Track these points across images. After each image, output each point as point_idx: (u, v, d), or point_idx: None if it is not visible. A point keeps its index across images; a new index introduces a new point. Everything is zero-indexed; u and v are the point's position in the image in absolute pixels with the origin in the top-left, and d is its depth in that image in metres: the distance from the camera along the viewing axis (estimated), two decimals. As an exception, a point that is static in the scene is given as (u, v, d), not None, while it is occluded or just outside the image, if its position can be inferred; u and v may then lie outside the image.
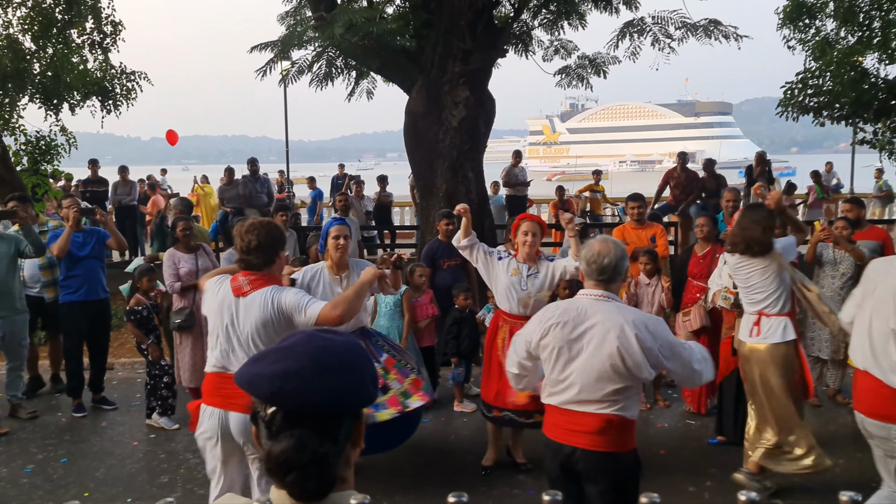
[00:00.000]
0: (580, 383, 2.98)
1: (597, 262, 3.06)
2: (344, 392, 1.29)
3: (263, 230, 3.43)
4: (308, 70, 9.08)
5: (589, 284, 3.11)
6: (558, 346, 3.02)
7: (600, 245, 3.08)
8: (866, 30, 11.06)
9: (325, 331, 1.42)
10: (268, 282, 3.45)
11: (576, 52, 10.34)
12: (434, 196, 9.61)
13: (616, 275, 3.07)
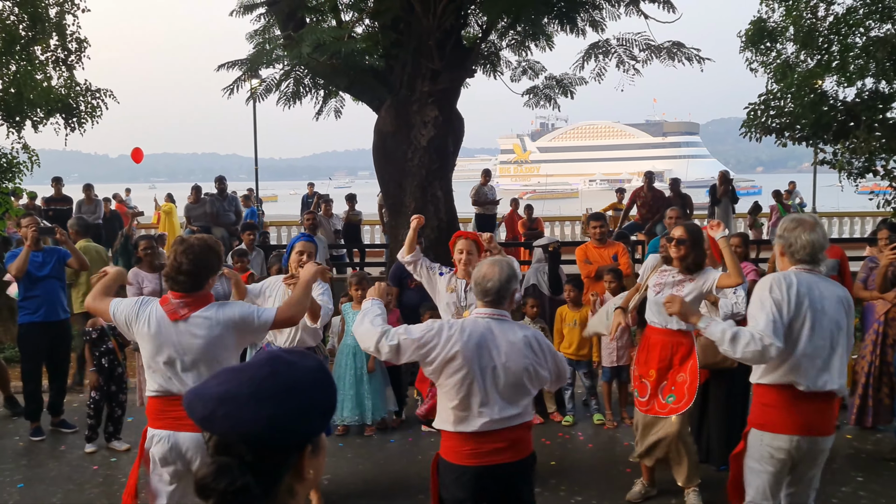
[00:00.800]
0: (500, 402, 3.05)
1: (481, 285, 3.15)
2: (277, 424, 1.22)
3: (198, 255, 3.30)
4: (276, 89, 9.07)
5: (479, 305, 3.20)
6: (470, 375, 3.03)
7: (487, 268, 3.16)
8: (825, 53, 11.33)
9: (291, 353, 1.35)
10: (203, 301, 3.34)
11: (543, 72, 10.46)
12: (403, 215, 9.60)
13: (501, 298, 3.15)
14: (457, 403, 3.05)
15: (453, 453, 3.11)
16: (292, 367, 1.28)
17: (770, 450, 3.37)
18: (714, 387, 5.52)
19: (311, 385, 1.28)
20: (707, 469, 5.48)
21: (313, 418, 1.28)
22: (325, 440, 1.35)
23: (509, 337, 3.09)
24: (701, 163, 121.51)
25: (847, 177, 11.12)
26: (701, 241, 4.84)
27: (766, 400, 3.43)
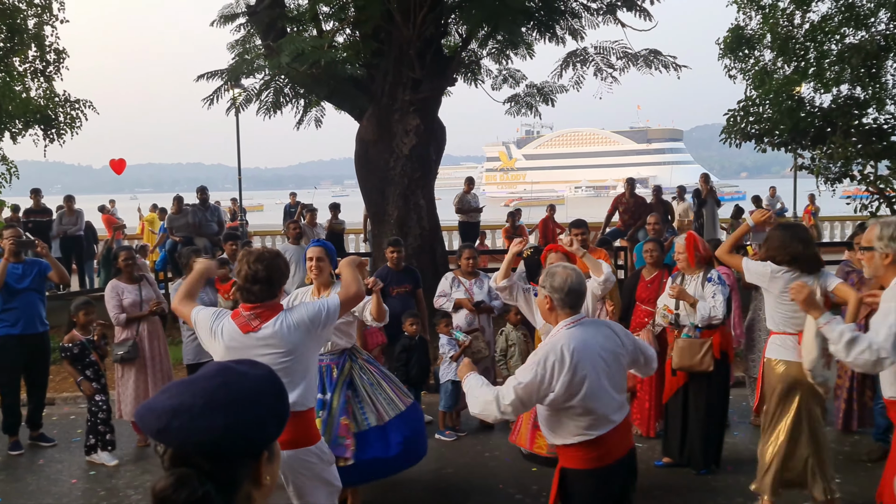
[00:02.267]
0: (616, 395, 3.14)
1: (561, 291, 3.15)
2: (232, 433, 1.24)
3: (272, 262, 3.29)
4: (256, 98, 9.08)
5: (565, 312, 3.16)
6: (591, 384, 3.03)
7: (564, 272, 3.18)
8: (802, 60, 11.49)
9: (241, 363, 1.37)
10: (274, 311, 3.29)
11: (524, 80, 10.53)
12: (385, 223, 9.64)
13: (580, 301, 3.21)
14: (590, 415, 3.05)
15: (594, 459, 3.09)
16: (244, 377, 1.31)
17: None
18: (693, 391, 5.56)
19: (263, 393, 1.31)
20: (687, 473, 5.52)
21: (268, 425, 1.30)
22: (279, 447, 1.37)
23: (600, 334, 3.17)
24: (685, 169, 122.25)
25: (825, 182, 11.26)
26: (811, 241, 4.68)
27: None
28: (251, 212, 37.10)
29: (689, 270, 5.62)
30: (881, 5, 11.04)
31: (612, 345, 3.16)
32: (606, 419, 3.08)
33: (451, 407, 6.57)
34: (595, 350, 3.08)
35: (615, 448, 3.12)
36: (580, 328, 3.12)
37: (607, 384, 3.09)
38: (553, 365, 3.00)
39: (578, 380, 3.02)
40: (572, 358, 3.01)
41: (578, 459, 3.12)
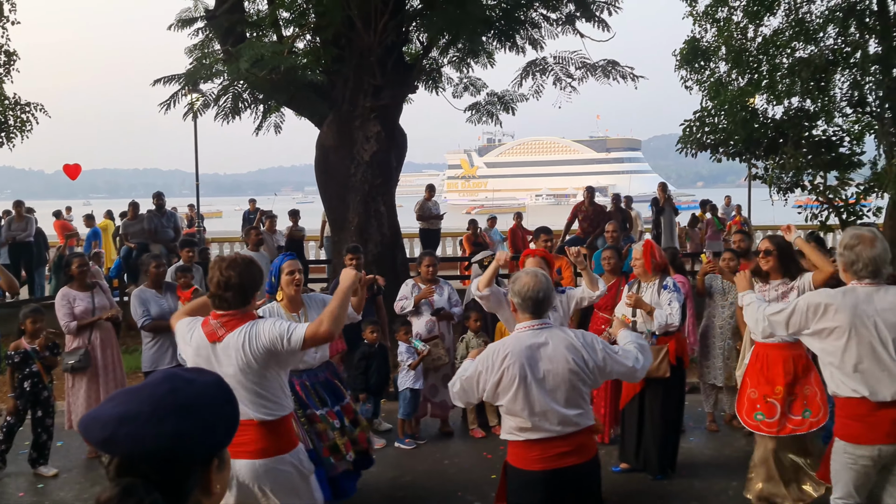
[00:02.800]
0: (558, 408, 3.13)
1: (521, 295, 3.22)
2: (182, 439, 1.23)
3: (245, 268, 3.21)
4: (214, 104, 8.97)
5: (521, 318, 3.25)
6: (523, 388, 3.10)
7: (527, 279, 3.23)
8: (755, 73, 11.76)
9: (187, 370, 1.37)
10: (241, 320, 3.19)
11: (485, 89, 10.60)
12: (346, 230, 9.59)
13: (543, 307, 3.24)
14: (517, 417, 3.14)
15: (521, 459, 3.20)
16: (191, 384, 1.30)
17: (854, 457, 3.41)
18: (649, 396, 5.63)
19: (212, 400, 1.30)
20: (644, 478, 5.58)
21: (217, 432, 1.29)
22: (229, 454, 1.36)
23: (553, 343, 3.16)
24: (643, 178, 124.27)
25: (777, 191, 11.51)
26: (788, 247, 4.90)
27: (846, 412, 3.45)
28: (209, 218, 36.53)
29: (645, 278, 5.70)
30: (829, 21, 11.37)
31: (570, 360, 3.12)
32: (540, 427, 3.11)
33: (409, 415, 6.55)
34: (541, 359, 3.11)
35: (550, 458, 3.13)
36: (531, 333, 3.17)
37: (546, 395, 3.10)
38: (488, 364, 3.15)
39: (506, 382, 3.10)
40: (504, 361, 3.11)
41: (514, 456, 3.24)
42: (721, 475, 5.54)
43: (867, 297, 3.37)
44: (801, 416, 4.73)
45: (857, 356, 3.33)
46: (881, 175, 10.83)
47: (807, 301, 3.45)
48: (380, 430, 6.77)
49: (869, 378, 3.34)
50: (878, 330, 3.32)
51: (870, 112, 11.34)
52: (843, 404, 3.45)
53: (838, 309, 3.35)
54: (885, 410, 3.33)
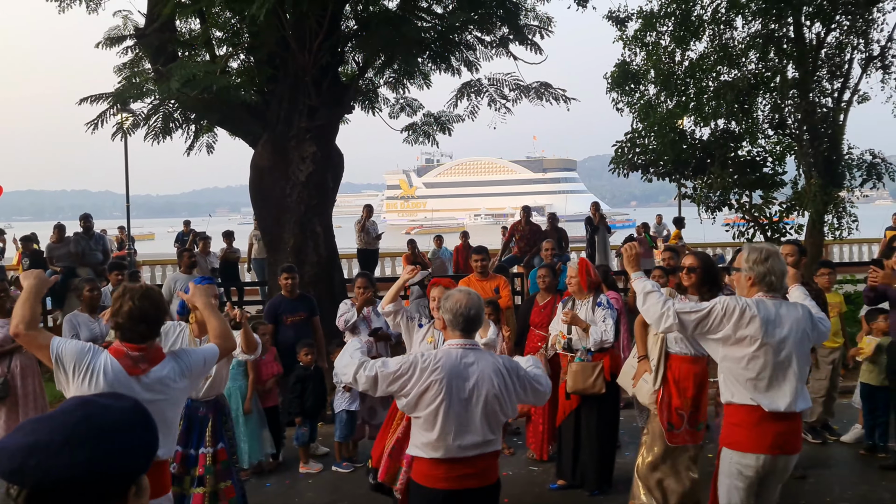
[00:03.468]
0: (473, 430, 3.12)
1: (453, 313, 3.21)
2: (96, 468, 1.18)
3: (159, 300, 3.13)
4: (144, 123, 8.75)
5: (451, 336, 3.25)
6: (445, 405, 3.09)
7: (459, 296, 3.24)
8: (683, 95, 12.17)
9: (103, 396, 1.33)
10: (159, 352, 3.10)
11: (421, 109, 10.65)
12: (281, 251, 9.46)
13: (473, 326, 3.25)
14: (431, 432, 3.11)
15: (424, 477, 3.19)
16: (107, 410, 1.26)
17: (739, 467, 3.49)
18: (585, 413, 5.70)
19: (129, 425, 1.26)
20: (580, 494, 5.63)
21: (135, 458, 1.26)
22: (147, 481, 1.31)
23: (480, 365, 3.16)
24: (579, 198, 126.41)
25: (706, 210, 11.90)
26: (713, 266, 4.96)
27: (735, 420, 3.54)
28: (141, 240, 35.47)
29: (580, 295, 5.79)
30: (751, 47, 11.87)
31: (496, 384, 3.14)
32: (452, 447, 3.11)
33: (346, 437, 6.46)
34: (468, 379, 3.12)
35: (455, 478, 3.13)
36: (461, 352, 3.18)
37: (467, 416, 3.11)
38: (414, 369, 3.12)
39: (430, 396, 3.10)
40: (432, 373, 3.10)
41: (418, 473, 3.22)
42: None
43: (776, 310, 3.49)
44: (695, 429, 4.89)
45: (762, 366, 3.43)
46: (801, 194, 11.32)
47: (724, 305, 3.49)
48: (317, 455, 6.65)
49: (769, 389, 3.44)
50: (782, 343, 3.44)
51: (790, 134, 11.85)
52: (734, 411, 3.54)
53: (752, 318, 3.44)
54: (774, 423, 3.44)
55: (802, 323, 3.53)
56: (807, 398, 3.56)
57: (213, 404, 4.65)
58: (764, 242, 3.65)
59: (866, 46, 11.75)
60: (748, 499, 3.54)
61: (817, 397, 6.79)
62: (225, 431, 4.70)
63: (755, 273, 3.55)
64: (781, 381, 3.45)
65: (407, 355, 3.22)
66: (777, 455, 3.48)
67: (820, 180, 10.95)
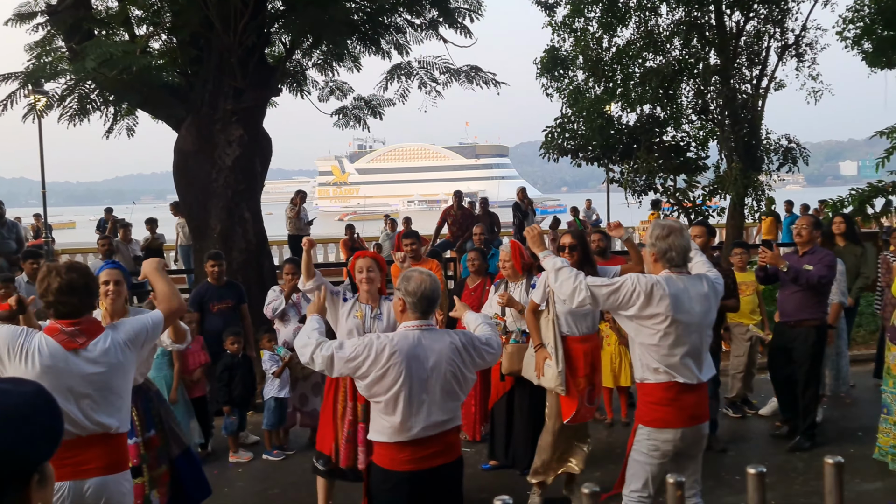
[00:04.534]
0: (434, 410, 3.12)
1: (414, 295, 3.18)
2: (3, 452, 1.14)
3: (85, 274, 3.11)
4: (58, 104, 8.35)
5: (409, 317, 3.21)
6: (405, 387, 3.07)
7: (419, 277, 3.20)
8: (610, 81, 12.39)
9: (3, 380, 1.27)
10: (97, 325, 3.10)
11: (351, 93, 10.50)
12: (208, 237, 9.20)
13: (431, 307, 3.22)
14: (393, 416, 3.09)
15: (389, 460, 3.15)
16: (7, 394, 1.20)
17: (657, 443, 3.58)
18: (519, 394, 5.76)
19: (32, 411, 1.21)
20: (513, 474, 5.70)
21: (38, 445, 1.20)
22: (51, 469, 1.26)
23: (437, 345, 3.14)
24: (511, 183, 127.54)
25: (632, 194, 12.17)
26: (586, 243, 5.13)
27: (653, 398, 3.60)
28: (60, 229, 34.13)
29: (514, 278, 5.82)
30: (675, 34, 12.16)
31: (454, 362, 3.16)
32: (414, 428, 3.11)
33: (275, 425, 6.36)
34: (426, 360, 3.11)
35: (419, 458, 3.13)
36: (418, 334, 3.15)
37: (427, 397, 3.11)
38: (369, 352, 3.08)
39: (389, 381, 3.08)
40: (390, 357, 3.07)
41: (381, 456, 3.20)
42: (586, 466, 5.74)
43: (683, 285, 3.58)
44: (593, 405, 5.07)
45: (675, 341, 3.52)
46: (723, 178, 11.70)
47: (633, 282, 3.54)
48: (246, 444, 6.54)
49: (682, 362, 3.55)
50: (691, 318, 3.55)
51: (712, 119, 12.21)
52: (650, 390, 3.62)
53: (663, 296, 3.51)
54: (689, 394, 3.57)
55: (707, 294, 3.64)
56: (711, 366, 3.71)
57: (135, 391, 4.47)
58: (670, 220, 3.71)
59: (782, 35, 12.19)
60: (660, 473, 3.65)
61: (736, 373, 7.07)
62: (153, 417, 4.54)
63: (657, 249, 3.63)
64: (694, 354, 3.57)
65: (363, 338, 3.16)
66: (694, 426, 3.61)
67: (740, 164, 11.33)
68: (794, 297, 6.01)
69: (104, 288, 4.13)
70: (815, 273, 5.82)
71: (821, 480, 5.16)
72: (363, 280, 4.64)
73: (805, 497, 5.08)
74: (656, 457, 3.61)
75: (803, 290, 5.92)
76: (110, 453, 3.05)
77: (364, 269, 4.66)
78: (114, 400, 3.06)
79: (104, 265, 4.34)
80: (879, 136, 9.87)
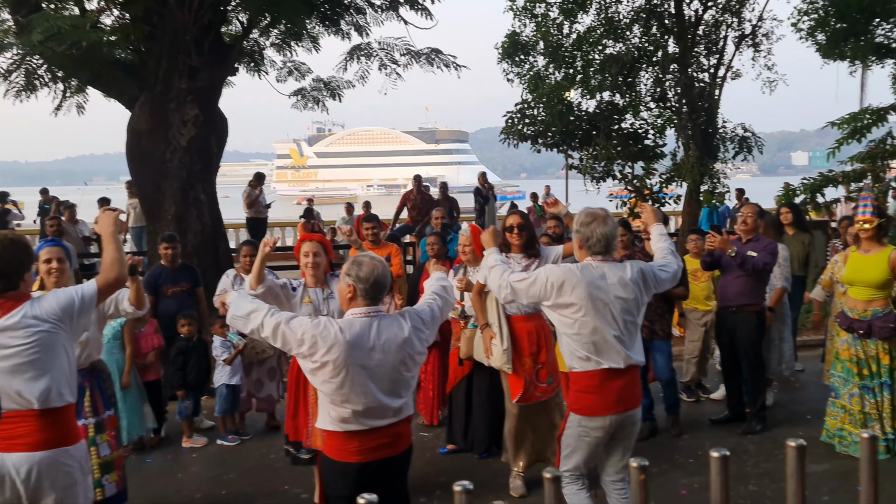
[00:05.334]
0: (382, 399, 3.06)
1: (365, 281, 3.09)
2: None
3: (5, 251, 3.03)
4: (3, 79, 8.05)
5: (364, 302, 3.12)
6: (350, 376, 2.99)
7: (369, 263, 3.12)
8: (570, 68, 12.40)
9: None
10: (18, 301, 3.04)
11: (310, 74, 10.35)
12: (162, 219, 9.01)
13: (380, 293, 3.14)
14: (339, 407, 3.02)
15: (337, 451, 3.09)
16: None
17: (587, 429, 3.60)
18: (477, 378, 5.76)
19: None
20: (470, 457, 5.72)
21: None
22: None
23: (386, 333, 3.06)
24: (471, 169, 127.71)
25: (591, 181, 12.23)
26: (531, 224, 5.15)
27: (580, 386, 3.63)
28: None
29: (473, 263, 5.80)
30: (635, 21, 12.21)
31: (403, 348, 3.09)
32: (362, 418, 3.04)
33: (227, 411, 6.26)
34: (372, 348, 3.03)
35: (367, 450, 3.07)
36: (366, 321, 3.06)
37: (374, 386, 3.04)
38: (314, 340, 2.98)
39: (330, 372, 3.00)
40: (332, 350, 2.98)
41: (329, 447, 3.13)
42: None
43: (601, 272, 3.61)
44: (546, 384, 5.07)
45: (592, 329, 3.55)
46: (680, 166, 11.82)
47: (546, 274, 3.60)
48: (201, 428, 6.45)
49: (601, 350, 3.58)
50: (610, 304, 3.57)
51: (670, 107, 12.32)
52: (577, 378, 3.66)
53: (576, 285, 3.54)
54: (614, 381, 3.59)
55: (632, 279, 3.64)
56: (640, 351, 3.69)
57: (88, 372, 4.33)
58: (596, 207, 3.77)
59: (739, 25, 12.33)
60: (593, 458, 3.72)
61: (691, 358, 7.19)
62: (108, 398, 4.45)
63: (581, 235, 3.68)
64: (618, 339, 3.58)
65: (315, 320, 3.05)
66: (623, 412, 3.63)
67: (697, 152, 11.46)
68: (737, 282, 6.11)
69: (46, 266, 4.05)
70: (760, 259, 5.95)
71: (771, 462, 5.30)
72: (308, 265, 4.59)
73: (756, 479, 5.19)
74: (587, 442, 3.65)
75: (746, 276, 6.04)
76: (39, 430, 3.00)
77: (310, 253, 4.60)
78: (41, 371, 3.01)
79: (43, 243, 4.22)
80: (831, 127, 10.09)
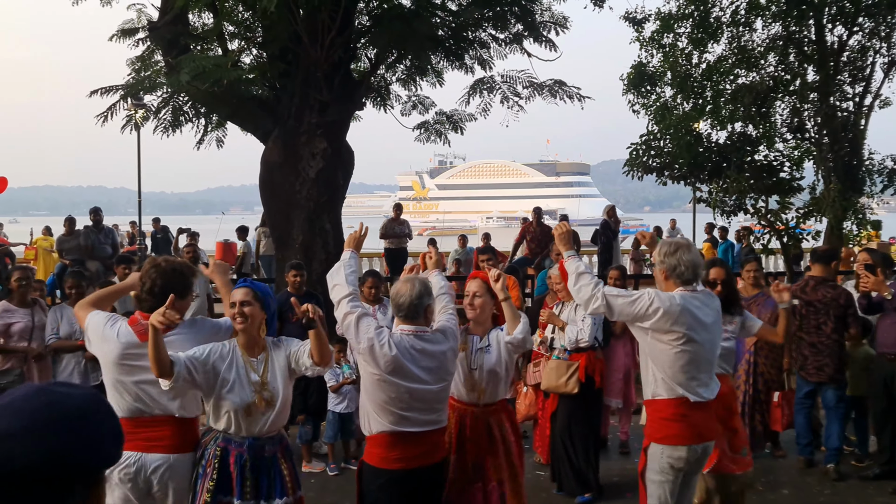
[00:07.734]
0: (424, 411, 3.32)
1: (395, 301, 3.39)
2: (69, 454, 1.12)
3: (165, 273, 3.38)
4: (154, 116, 8.69)
5: (398, 322, 3.41)
6: (398, 390, 3.26)
7: (401, 285, 3.41)
8: (699, 98, 12.00)
9: (60, 384, 1.25)
10: None
11: (433, 107, 10.53)
12: (290, 248, 9.37)
13: (415, 313, 3.35)
14: (385, 415, 3.26)
15: (379, 459, 3.30)
16: (69, 397, 1.18)
17: (671, 461, 3.51)
18: (561, 412, 5.58)
19: (93, 411, 1.19)
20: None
21: (105, 444, 1.19)
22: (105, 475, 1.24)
23: (428, 350, 3.30)
24: (592, 202, 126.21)
25: (721, 215, 11.70)
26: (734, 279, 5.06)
27: (664, 414, 3.56)
28: (153, 237, 35.36)
29: (568, 297, 5.67)
30: (770, 49, 11.69)
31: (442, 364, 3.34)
32: (406, 431, 3.26)
33: (331, 438, 6.28)
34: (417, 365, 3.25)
35: (409, 457, 3.27)
36: (411, 339, 3.29)
37: (417, 402, 3.27)
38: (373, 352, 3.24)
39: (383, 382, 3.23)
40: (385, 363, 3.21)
41: (371, 454, 3.34)
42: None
43: (699, 302, 3.53)
44: None
45: (689, 359, 3.47)
46: (819, 200, 11.11)
47: (652, 297, 3.49)
48: (320, 454, 6.55)
49: (694, 380, 3.49)
50: (708, 334, 3.52)
51: (808, 138, 11.65)
52: (662, 406, 3.55)
53: (680, 313, 3.46)
54: (698, 412, 3.50)
55: (719, 310, 3.67)
56: (718, 383, 3.68)
57: (278, 440, 3.55)
58: (676, 237, 3.71)
59: (889, 50, 11.54)
60: (675, 491, 3.59)
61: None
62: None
63: (666, 266, 3.59)
64: (704, 371, 3.53)
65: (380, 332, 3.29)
66: (702, 443, 3.57)
67: (839, 186, 10.75)
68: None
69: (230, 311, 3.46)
70: None
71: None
72: (470, 305, 3.91)
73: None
74: (671, 474, 3.53)
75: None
76: (179, 435, 3.35)
77: (473, 293, 3.90)
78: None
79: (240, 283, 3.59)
80: None
